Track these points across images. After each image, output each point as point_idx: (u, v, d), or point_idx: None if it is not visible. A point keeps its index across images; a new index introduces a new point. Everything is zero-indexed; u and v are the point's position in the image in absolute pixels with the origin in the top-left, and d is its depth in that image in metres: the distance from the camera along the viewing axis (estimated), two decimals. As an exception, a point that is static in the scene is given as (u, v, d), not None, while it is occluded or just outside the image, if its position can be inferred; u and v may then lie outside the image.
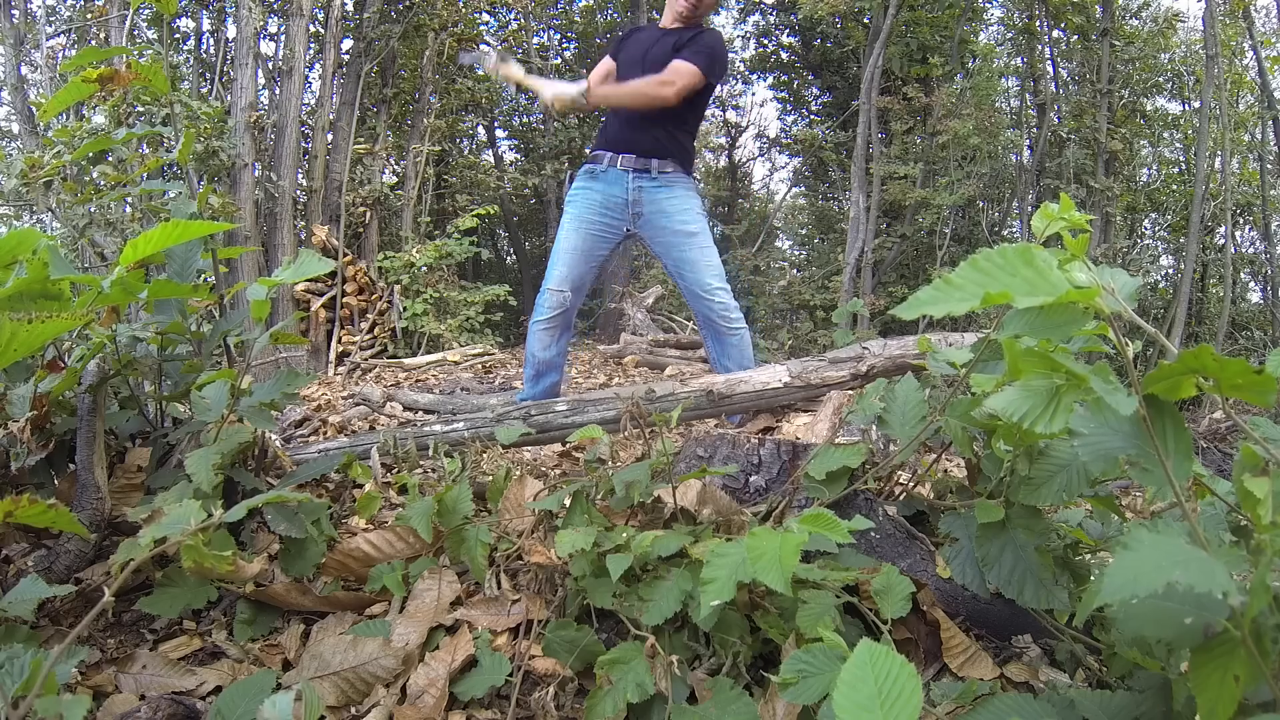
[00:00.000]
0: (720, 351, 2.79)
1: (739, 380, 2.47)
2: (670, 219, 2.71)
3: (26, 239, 0.95)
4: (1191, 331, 10.24)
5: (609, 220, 2.74)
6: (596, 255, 2.77)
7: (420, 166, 8.19)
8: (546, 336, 2.76)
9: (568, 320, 2.78)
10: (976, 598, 1.15)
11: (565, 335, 2.80)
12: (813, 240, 14.65)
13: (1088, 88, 10.24)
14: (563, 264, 2.73)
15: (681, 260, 2.72)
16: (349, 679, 1.07)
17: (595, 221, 2.73)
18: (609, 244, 2.79)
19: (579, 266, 2.74)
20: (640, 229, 2.75)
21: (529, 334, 2.81)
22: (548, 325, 2.75)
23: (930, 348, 1.29)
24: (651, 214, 2.72)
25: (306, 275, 1.18)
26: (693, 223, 2.72)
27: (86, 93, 1.41)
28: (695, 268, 2.70)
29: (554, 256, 2.77)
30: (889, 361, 2.60)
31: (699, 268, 2.70)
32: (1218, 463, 2.59)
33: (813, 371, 2.52)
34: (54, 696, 0.76)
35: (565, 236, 2.75)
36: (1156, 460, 0.67)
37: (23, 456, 1.30)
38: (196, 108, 5.54)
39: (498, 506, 1.43)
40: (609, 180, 2.73)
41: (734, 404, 2.46)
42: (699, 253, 2.70)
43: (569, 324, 2.80)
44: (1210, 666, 0.61)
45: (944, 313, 0.60)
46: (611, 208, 2.73)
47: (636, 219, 2.73)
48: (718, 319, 2.72)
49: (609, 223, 2.74)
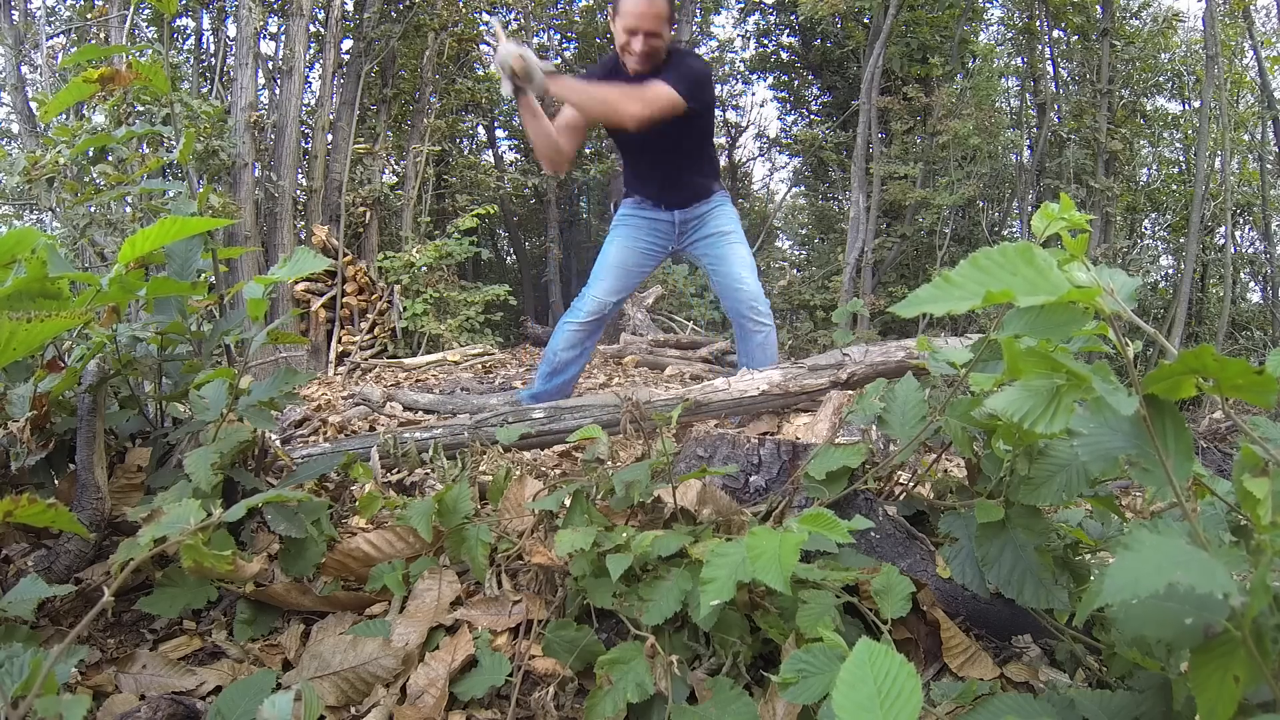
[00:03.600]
0: (745, 348, 2.87)
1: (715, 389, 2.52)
2: (707, 226, 2.85)
3: (26, 238, 0.95)
4: (1191, 331, 10.23)
5: (656, 240, 2.89)
6: (642, 271, 2.93)
7: (420, 166, 8.19)
8: (575, 338, 2.83)
9: (599, 327, 2.89)
10: (976, 598, 1.15)
11: (592, 341, 2.89)
12: (813, 240, 14.64)
13: (1088, 88, 10.24)
14: (611, 276, 2.85)
15: (716, 257, 2.83)
16: (349, 679, 1.07)
17: (644, 239, 2.88)
18: (655, 260, 2.95)
19: (624, 279, 2.87)
20: (682, 243, 2.90)
21: (556, 331, 2.88)
22: (580, 328, 2.83)
23: (929, 347, 1.29)
24: (693, 229, 2.87)
25: (302, 273, 1.18)
26: (728, 224, 2.85)
27: (87, 93, 1.41)
28: (727, 261, 2.81)
29: (601, 268, 2.87)
30: (869, 369, 2.63)
31: (730, 261, 2.81)
32: (1217, 463, 2.59)
33: (792, 380, 2.55)
34: (54, 696, 0.76)
35: (615, 251, 2.87)
36: (1157, 460, 0.67)
37: (23, 456, 1.30)
38: (196, 107, 5.53)
39: (498, 506, 1.43)
40: (657, 214, 2.87)
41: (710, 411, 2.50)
42: (730, 248, 2.82)
43: (598, 332, 2.90)
44: (1210, 667, 0.61)
45: (944, 311, 0.60)
46: (659, 230, 2.88)
47: (681, 238, 2.89)
48: (746, 310, 2.79)
49: (656, 241, 2.89)
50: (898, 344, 2.74)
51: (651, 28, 2.49)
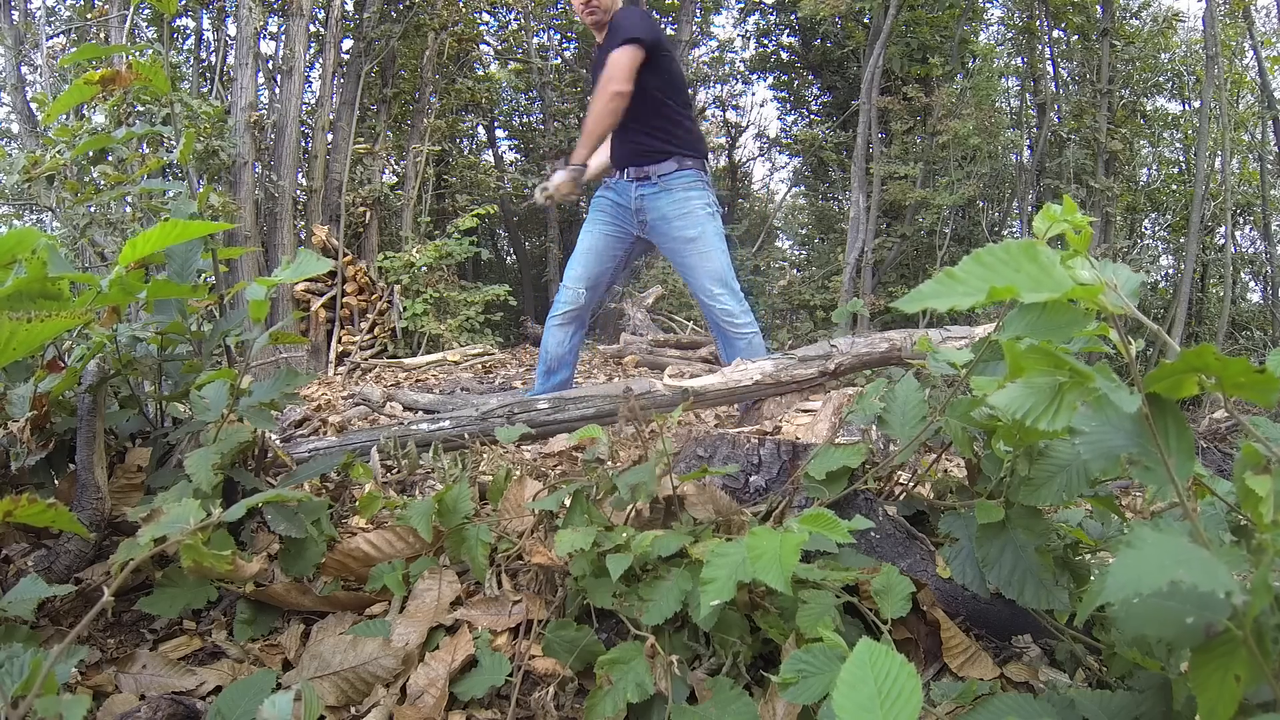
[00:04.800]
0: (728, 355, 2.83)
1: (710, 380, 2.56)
2: (670, 225, 2.76)
3: (25, 238, 0.95)
4: (1191, 331, 10.23)
5: (619, 223, 2.88)
6: (612, 255, 2.91)
7: (420, 166, 8.19)
8: (560, 332, 2.87)
9: (582, 317, 2.90)
10: (976, 598, 1.15)
11: (579, 333, 2.92)
12: (813, 240, 14.64)
13: (1088, 88, 10.24)
14: (580, 264, 2.88)
15: (684, 266, 2.81)
16: (349, 679, 1.07)
17: (608, 223, 2.88)
18: (622, 245, 2.91)
19: (594, 265, 2.88)
20: (648, 235, 2.85)
21: (545, 329, 2.93)
22: (561, 321, 2.87)
23: (929, 347, 1.29)
24: (654, 221, 2.79)
25: (305, 275, 1.18)
26: (692, 228, 2.74)
27: (89, 94, 1.41)
28: (695, 273, 2.77)
29: (573, 256, 2.93)
30: (856, 360, 2.68)
31: (699, 273, 2.76)
32: (1217, 463, 2.59)
33: (783, 370, 2.58)
34: (54, 696, 0.76)
35: (583, 237, 2.91)
36: (1159, 459, 0.67)
37: (23, 456, 1.30)
38: (196, 107, 5.53)
39: (498, 506, 1.42)
40: (619, 190, 2.86)
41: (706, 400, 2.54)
42: (698, 258, 2.75)
43: (583, 322, 2.92)
44: (1211, 666, 0.61)
45: (948, 306, 0.59)
46: (621, 213, 2.87)
47: (643, 226, 2.83)
48: (721, 322, 2.77)
49: (620, 225, 2.88)
50: (882, 336, 2.77)
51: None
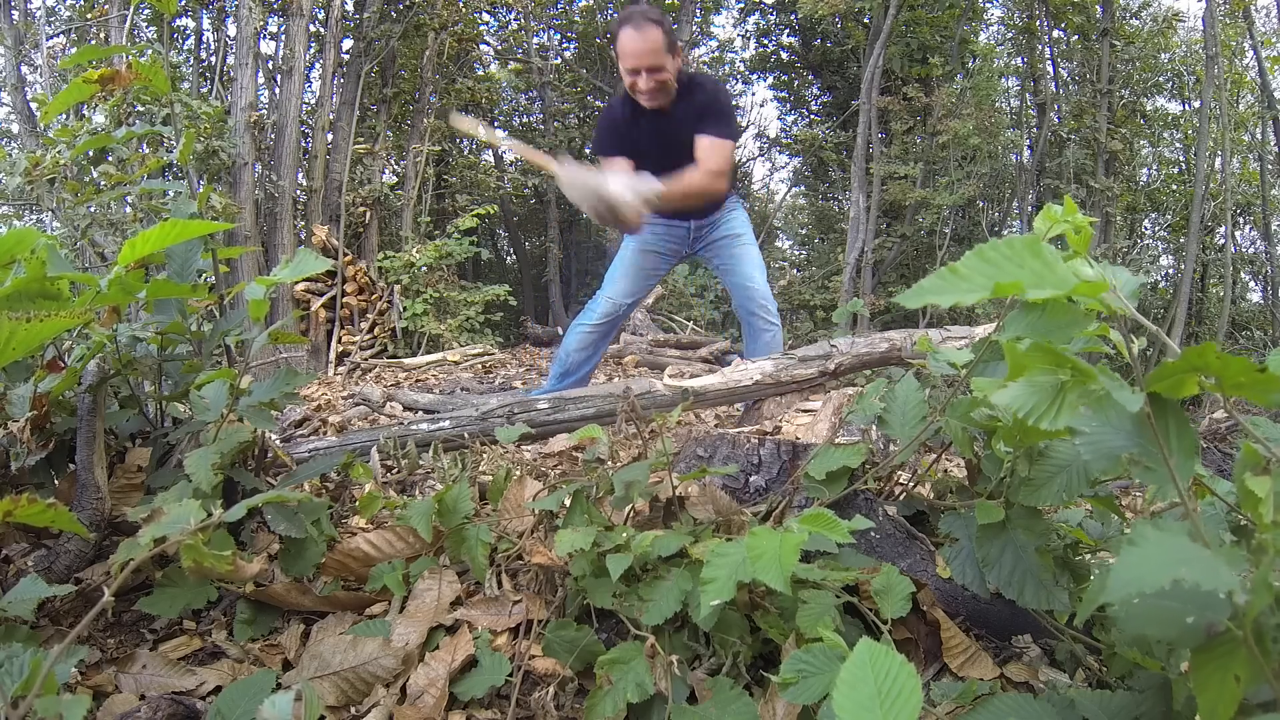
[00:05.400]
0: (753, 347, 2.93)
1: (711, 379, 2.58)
2: (719, 230, 2.91)
3: (25, 238, 0.95)
4: (1191, 331, 10.24)
5: (672, 244, 2.94)
6: (657, 274, 2.99)
7: (420, 166, 8.19)
8: (588, 339, 2.89)
9: (613, 329, 2.95)
10: (976, 598, 1.15)
11: (605, 343, 2.95)
12: (813, 240, 14.65)
13: (1088, 88, 10.24)
14: (626, 279, 2.90)
15: (730, 257, 2.90)
16: (349, 679, 1.07)
17: (661, 244, 2.92)
18: (669, 264, 3.01)
19: (639, 282, 2.93)
20: (696, 249, 2.96)
21: (569, 331, 2.94)
22: (593, 330, 2.89)
23: (929, 347, 1.29)
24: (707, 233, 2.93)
25: (304, 274, 1.18)
26: (739, 228, 2.92)
27: (88, 94, 1.40)
28: (741, 262, 2.89)
29: (617, 270, 2.93)
30: (856, 360, 2.69)
31: (744, 261, 2.90)
32: (1217, 462, 2.58)
33: (783, 370, 2.60)
34: (54, 696, 0.76)
35: (631, 255, 2.91)
36: (1160, 458, 0.66)
37: (23, 456, 1.30)
38: (196, 107, 5.54)
39: (498, 506, 1.42)
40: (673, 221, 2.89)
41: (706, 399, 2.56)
42: (743, 250, 2.91)
43: (612, 333, 2.96)
44: (1211, 666, 0.61)
45: (950, 302, 0.59)
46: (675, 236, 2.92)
47: (696, 243, 2.95)
48: (756, 309, 2.88)
49: (672, 245, 2.94)
50: (882, 336, 2.78)
51: (652, 63, 2.48)
